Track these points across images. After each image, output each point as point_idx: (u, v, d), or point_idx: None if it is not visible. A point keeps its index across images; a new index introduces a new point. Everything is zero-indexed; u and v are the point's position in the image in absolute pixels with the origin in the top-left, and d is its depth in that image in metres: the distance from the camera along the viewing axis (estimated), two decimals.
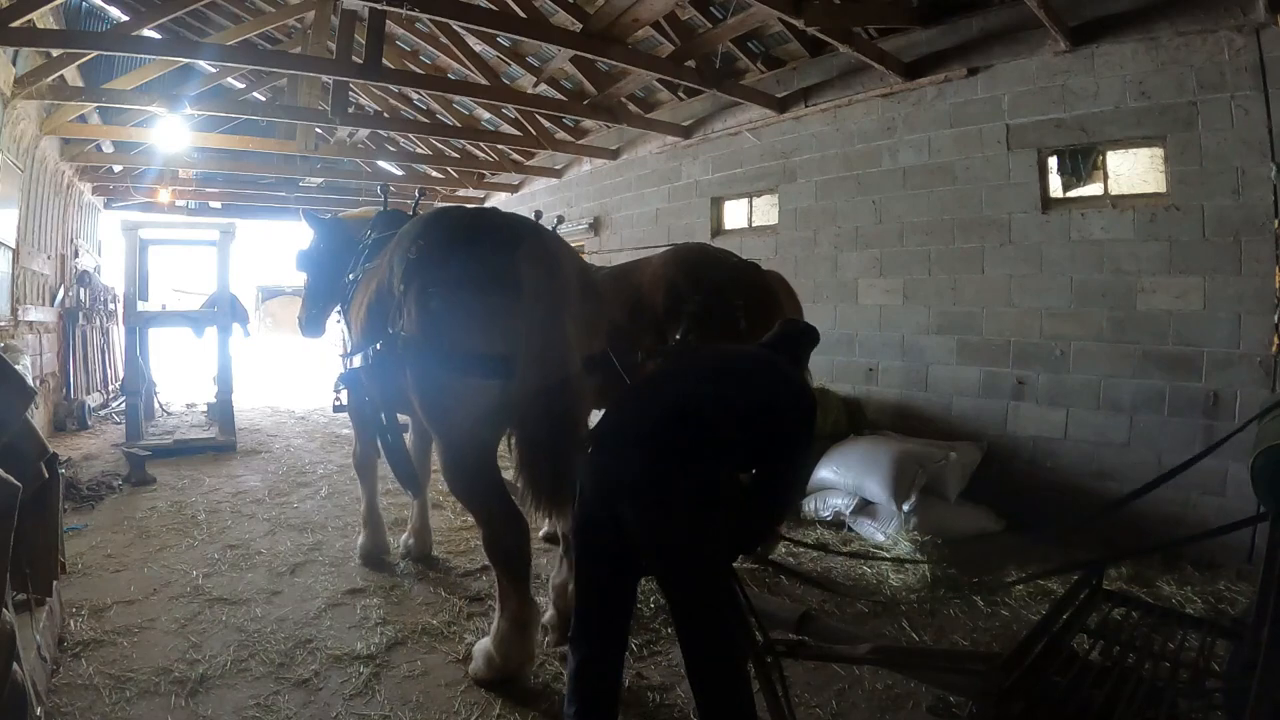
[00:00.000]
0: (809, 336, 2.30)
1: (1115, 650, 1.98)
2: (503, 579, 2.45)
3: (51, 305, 7.05)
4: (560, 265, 2.41)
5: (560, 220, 3.54)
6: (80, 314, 7.66)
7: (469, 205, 9.55)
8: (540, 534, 3.84)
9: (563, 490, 2.10)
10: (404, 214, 3.72)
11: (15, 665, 1.82)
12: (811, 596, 3.22)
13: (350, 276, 3.39)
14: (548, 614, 2.83)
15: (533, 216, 2.83)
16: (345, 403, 3.40)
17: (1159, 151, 3.87)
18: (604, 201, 8.18)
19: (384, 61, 5.71)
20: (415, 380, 2.44)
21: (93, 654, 2.62)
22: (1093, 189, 4.21)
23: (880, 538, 3.95)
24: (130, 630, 2.82)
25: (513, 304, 2.27)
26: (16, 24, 4.18)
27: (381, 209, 3.73)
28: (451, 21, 5.70)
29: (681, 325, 3.26)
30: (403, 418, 3.37)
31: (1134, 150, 4.04)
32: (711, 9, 5.40)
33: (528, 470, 2.17)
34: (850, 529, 4.18)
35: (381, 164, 11.03)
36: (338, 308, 3.64)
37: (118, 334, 8.74)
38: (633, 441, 1.84)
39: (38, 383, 5.87)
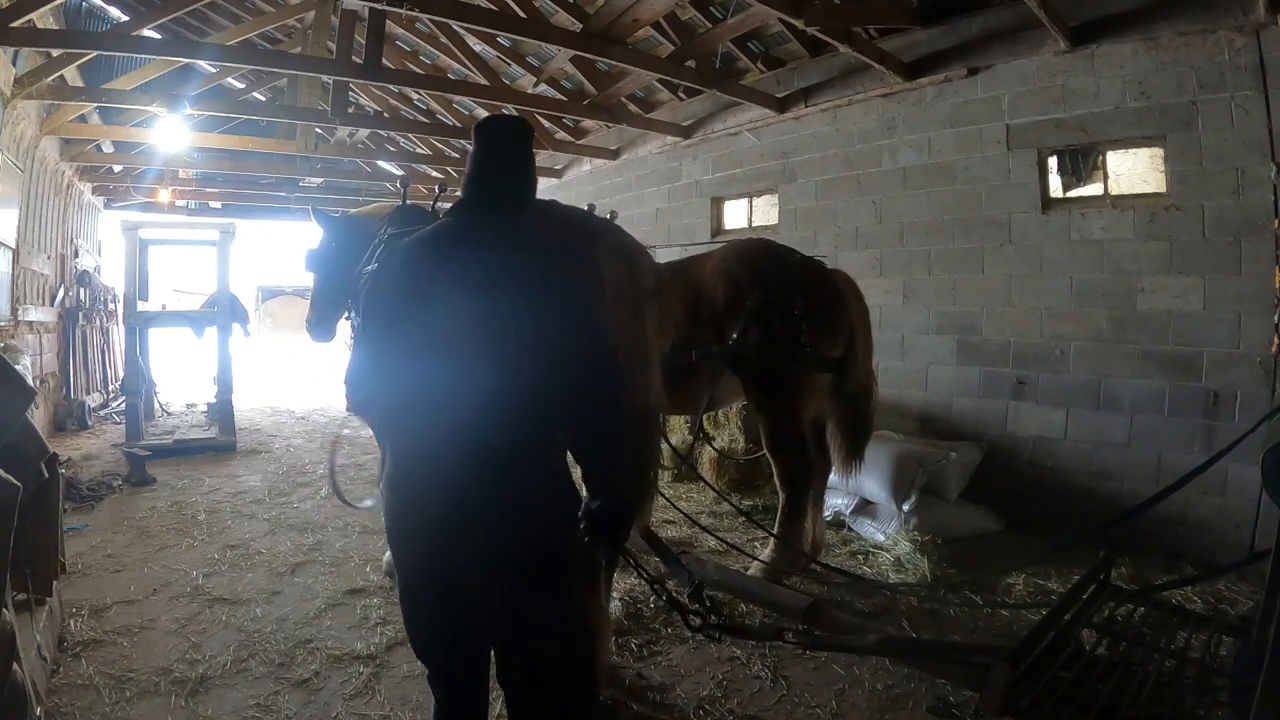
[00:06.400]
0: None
1: (1121, 646, 1.98)
2: None
3: (51, 305, 7.05)
4: (639, 261, 2.35)
5: (613, 215, 3.24)
6: (80, 314, 7.66)
7: None
8: None
9: (644, 489, 2.04)
10: (423, 209, 3.66)
11: (15, 665, 1.82)
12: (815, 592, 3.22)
13: (366, 269, 3.34)
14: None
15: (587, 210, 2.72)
16: None
17: (1159, 151, 3.87)
18: (604, 201, 8.16)
19: (384, 61, 5.71)
20: None
21: (93, 654, 2.62)
22: (1093, 189, 4.21)
23: (880, 538, 3.95)
24: (130, 630, 2.83)
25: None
26: (16, 24, 4.17)
27: (399, 204, 3.68)
28: (451, 21, 5.70)
29: (740, 322, 3.22)
30: None
31: (1134, 150, 4.04)
32: (711, 9, 5.40)
33: None
34: (850, 529, 4.19)
35: (381, 164, 11.03)
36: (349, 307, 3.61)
37: (118, 334, 8.73)
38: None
39: (38, 383, 5.87)
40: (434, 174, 10.60)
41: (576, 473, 1.54)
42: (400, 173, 10.74)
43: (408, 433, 1.42)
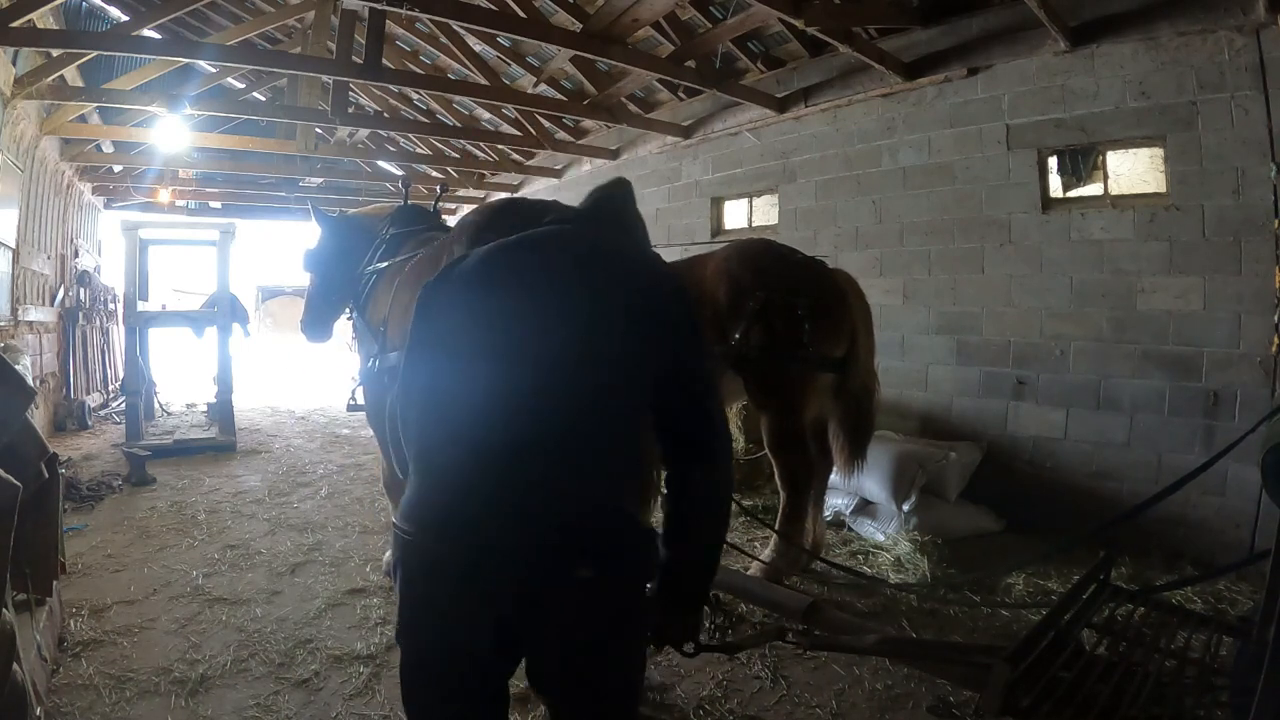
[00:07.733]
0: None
1: (1121, 646, 1.98)
2: None
3: (51, 305, 7.05)
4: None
5: None
6: (80, 314, 7.66)
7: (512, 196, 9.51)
8: None
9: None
10: (425, 210, 3.66)
11: (15, 665, 1.82)
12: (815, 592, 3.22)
13: (368, 269, 3.34)
14: None
15: None
16: (359, 401, 3.37)
17: (1159, 151, 3.87)
18: None
19: (384, 61, 5.71)
20: None
21: (93, 654, 2.62)
22: (1093, 189, 4.21)
23: (880, 538, 3.95)
24: (130, 630, 2.83)
25: None
26: (16, 24, 4.17)
27: (399, 204, 3.67)
28: (451, 21, 5.70)
29: (742, 323, 3.23)
30: None
31: (1134, 150, 4.04)
32: (711, 9, 5.40)
33: None
34: (850, 529, 4.19)
35: (381, 164, 11.03)
36: (348, 308, 3.61)
37: (118, 334, 8.73)
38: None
39: (38, 383, 5.87)
40: (434, 174, 10.61)
41: None
42: (400, 173, 10.75)
43: (467, 440, 1.25)
